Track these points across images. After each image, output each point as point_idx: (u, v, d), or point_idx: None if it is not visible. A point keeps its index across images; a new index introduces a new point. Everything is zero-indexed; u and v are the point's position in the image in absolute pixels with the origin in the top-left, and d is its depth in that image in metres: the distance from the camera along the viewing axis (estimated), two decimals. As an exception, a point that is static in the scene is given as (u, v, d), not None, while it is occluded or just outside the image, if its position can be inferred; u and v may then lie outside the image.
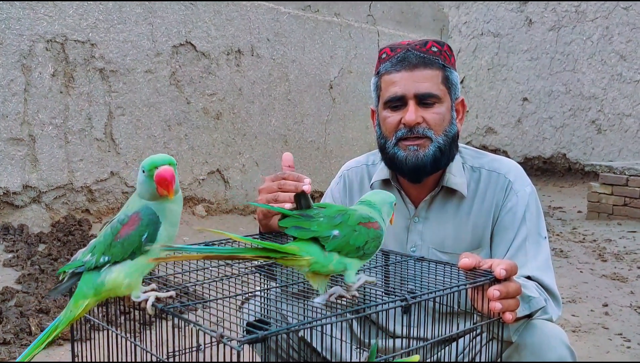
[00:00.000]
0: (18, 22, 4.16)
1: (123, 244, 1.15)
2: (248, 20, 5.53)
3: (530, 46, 10.59)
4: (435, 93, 1.66)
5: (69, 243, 4.06)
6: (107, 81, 4.63)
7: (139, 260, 1.16)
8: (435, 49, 1.69)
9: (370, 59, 6.62)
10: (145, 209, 1.17)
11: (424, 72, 1.66)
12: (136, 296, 1.16)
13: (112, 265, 1.16)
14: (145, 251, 1.15)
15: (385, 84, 1.71)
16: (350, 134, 6.54)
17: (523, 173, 1.76)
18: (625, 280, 4.38)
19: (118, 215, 1.22)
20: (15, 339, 2.78)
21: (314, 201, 1.32)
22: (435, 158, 1.66)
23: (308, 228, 1.19)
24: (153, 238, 1.16)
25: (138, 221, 1.16)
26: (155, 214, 1.17)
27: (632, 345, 3.18)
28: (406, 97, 1.66)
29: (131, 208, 1.20)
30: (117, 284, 1.15)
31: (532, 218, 1.68)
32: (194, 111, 5.20)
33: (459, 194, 1.73)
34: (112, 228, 1.19)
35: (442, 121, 1.67)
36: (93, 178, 4.59)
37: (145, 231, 1.15)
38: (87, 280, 1.18)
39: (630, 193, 6.68)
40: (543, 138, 10.54)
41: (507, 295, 1.25)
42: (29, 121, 4.25)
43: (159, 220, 1.17)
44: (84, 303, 1.17)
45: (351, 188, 1.89)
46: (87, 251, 1.21)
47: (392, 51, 1.71)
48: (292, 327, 1.04)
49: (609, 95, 9.73)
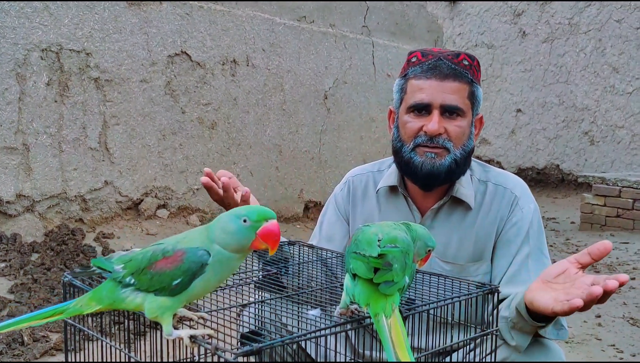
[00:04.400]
0: (13, 31, 4.16)
1: (152, 277, 1.07)
2: (243, 30, 5.55)
3: (523, 57, 10.66)
4: (461, 107, 1.66)
5: (62, 252, 4.04)
6: (101, 91, 4.63)
7: (162, 300, 1.07)
8: (467, 62, 1.69)
9: (365, 70, 6.65)
10: (192, 253, 1.06)
11: (453, 84, 1.65)
12: (168, 334, 1.07)
13: (136, 289, 1.09)
14: (170, 295, 1.06)
15: (412, 88, 1.69)
16: (344, 144, 6.55)
17: (528, 190, 1.77)
18: (618, 292, 4.39)
19: (171, 241, 1.12)
20: (7, 349, 2.76)
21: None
22: (450, 169, 1.66)
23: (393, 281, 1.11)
24: (186, 286, 1.06)
25: (179, 262, 1.06)
26: (200, 262, 1.06)
27: (625, 357, 3.19)
28: (432, 106, 1.65)
29: (186, 242, 1.09)
30: (138, 309, 1.10)
31: (534, 235, 1.68)
32: (188, 120, 5.20)
33: (465, 205, 1.73)
34: (154, 253, 1.10)
35: (462, 135, 1.68)
36: (87, 187, 4.58)
37: (180, 276, 1.05)
38: (110, 289, 1.12)
39: (623, 204, 6.71)
40: (536, 148, 10.59)
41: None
42: (23, 130, 4.24)
43: (204, 269, 1.06)
44: (95, 306, 1.13)
45: (355, 194, 1.88)
46: (122, 258, 1.13)
47: (424, 56, 1.70)
48: (287, 339, 1.04)
49: (602, 107, 9.79)
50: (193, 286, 1.07)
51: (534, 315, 1.39)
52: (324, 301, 1.37)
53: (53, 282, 3.53)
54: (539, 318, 1.39)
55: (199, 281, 1.06)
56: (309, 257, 1.66)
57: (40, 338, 2.89)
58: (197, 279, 1.06)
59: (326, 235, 1.87)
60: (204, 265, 1.06)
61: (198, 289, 1.07)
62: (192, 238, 1.11)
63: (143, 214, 4.90)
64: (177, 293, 1.07)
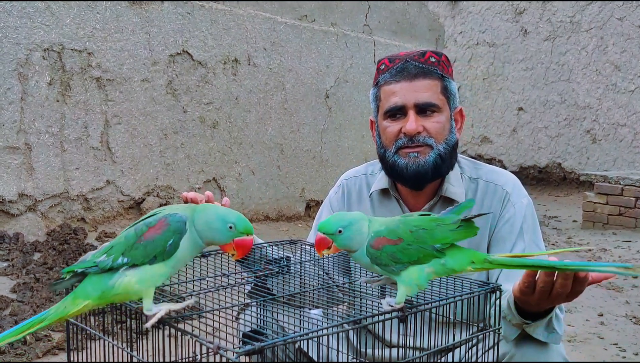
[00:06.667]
0: (15, 30, 4.16)
1: (146, 247, 1.14)
2: (245, 29, 5.55)
3: (525, 55, 10.65)
4: (435, 103, 1.67)
5: (64, 251, 4.04)
6: (103, 90, 4.63)
7: (156, 267, 1.14)
8: (434, 59, 1.70)
9: (366, 69, 6.65)
10: (174, 217, 1.17)
11: (423, 82, 1.67)
12: (148, 309, 1.13)
13: (128, 268, 1.14)
14: (165, 258, 1.15)
15: (385, 95, 1.72)
16: (346, 143, 6.55)
17: (520, 185, 1.77)
18: (620, 290, 4.39)
19: (144, 218, 1.21)
20: (9, 348, 2.77)
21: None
22: (436, 165, 1.67)
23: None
24: (176, 246, 1.15)
25: (166, 226, 1.16)
26: (184, 224, 1.17)
27: (628, 355, 3.19)
28: (406, 107, 1.67)
29: (166, 211, 1.20)
30: (127, 289, 1.13)
31: (529, 230, 1.68)
32: (190, 119, 5.20)
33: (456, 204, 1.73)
34: (137, 229, 1.18)
35: (442, 130, 1.69)
36: (89, 186, 4.58)
37: (171, 237, 1.15)
38: (95, 281, 1.15)
39: (625, 202, 6.70)
40: (538, 147, 10.58)
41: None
42: (25, 129, 4.25)
43: (185, 230, 1.16)
44: (82, 303, 1.14)
45: (350, 197, 1.89)
46: (100, 252, 1.18)
47: (391, 62, 1.72)
48: (289, 338, 1.04)
49: (604, 105, 9.78)
50: (181, 246, 1.15)
51: (525, 312, 1.41)
52: (323, 302, 1.37)
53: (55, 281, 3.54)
54: (530, 316, 1.41)
55: (184, 241, 1.16)
56: (305, 257, 1.66)
57: (42, 338, 2.89)
58: (182, 239, 1.16)
59: None
60: (185, 223, 1.17)
61: (183, 250, 1.16)
62: (174, 209, 1.20)
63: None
64: (169, 255, 1.15)
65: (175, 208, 1.21)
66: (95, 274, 1.16)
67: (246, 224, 1.19)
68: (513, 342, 1.47)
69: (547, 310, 1.40)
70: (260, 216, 5.78)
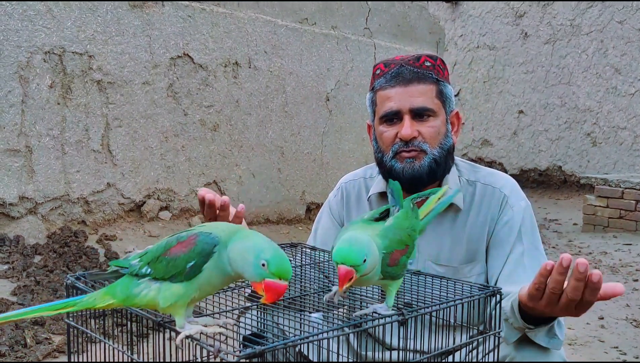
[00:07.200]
0: (16, 33, 4.17)
1: (168, 263, 1.08)
2: (245, 32, 5.56)
3: (525, 58, 10.66)
4: (430, 107, 1.69)
5: (64, 254, 4.05)
6: (104, 93, 4.64)
7: (177, 287, 1.07)
8: (429, 63, 1.71)
9: (367, 72, 6.65)
10: (205, 235, 1.08)
11: (418, 87, 1.68)
12: (180, 327, 1.07)
13: (151, 279, 1.10)
14: (184, 280, 1.06)
15: (381, 100, 1.73)
16: (346, 146, 6.56)
17: (518, 188, 1.77)
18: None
19: (187, 230, 1.13)
20: (10, 351, 2.77)
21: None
22: (430, 169, 1.68)
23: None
24: (198, 269, 1.06)
25: (192, 245, 1.07)
26: (213, 246, 1.06)
27: (628, 358, 3.18)
28: (401, 112, 1.69)
29: (203, 229, 1.11)
30: (150, 304, 1.10)
31: (527, 233, 1.69)
32: (191, 122, 5.21)
33: (455, 207, 1.73)
34: (169, 241, 1.11)
35: (437, 135, 1.70)
36: (89, 189, 4.59)
37: (194, 258, 1.06)
38: (125, 284, 1.12)
39: (625, 205, 6.70)
40: (539, 150, 10.58)
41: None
42: (26, 132, 4.25)
43: (212, 253, 1.07)
44: (109, 300, 1.13)
45: (349, 200, 1.90)
46: (138, 254, 1.15)
47: (386, 66, 1.74)
48: (290, 342, 1.04)
49: (604, 108, 9.79)
50: (204, 270, 1.07)
51: (528, 317, 1.40)
52: (323, 306, 1.38)
53: (56, 284, 3.54)
54: (533, 321, 1.40)
55: (209, 265, 1.07)
56: (305, 260, 1.67)
57: (42, 340, 2.89)
58: (208, 263, 1.07)
59: (321, 241, 1.89)
60: (215, 246, 1.07)
61: (208, 275, 1.07)
62: (214, 227, 1.11)
63: (145, 216, 4.91)
64: (190, 278, 1.07)
65: (214, 227, 1.12)
66: (128, 276, 1.13)
67: (281, 267, 1.04)
68: (513, 344, 1.47)
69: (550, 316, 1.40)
70: (261, 219, 5.78)
